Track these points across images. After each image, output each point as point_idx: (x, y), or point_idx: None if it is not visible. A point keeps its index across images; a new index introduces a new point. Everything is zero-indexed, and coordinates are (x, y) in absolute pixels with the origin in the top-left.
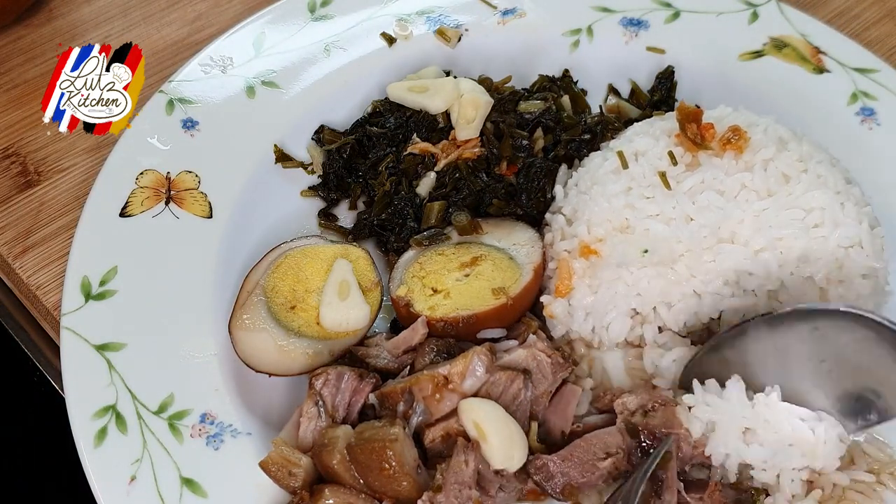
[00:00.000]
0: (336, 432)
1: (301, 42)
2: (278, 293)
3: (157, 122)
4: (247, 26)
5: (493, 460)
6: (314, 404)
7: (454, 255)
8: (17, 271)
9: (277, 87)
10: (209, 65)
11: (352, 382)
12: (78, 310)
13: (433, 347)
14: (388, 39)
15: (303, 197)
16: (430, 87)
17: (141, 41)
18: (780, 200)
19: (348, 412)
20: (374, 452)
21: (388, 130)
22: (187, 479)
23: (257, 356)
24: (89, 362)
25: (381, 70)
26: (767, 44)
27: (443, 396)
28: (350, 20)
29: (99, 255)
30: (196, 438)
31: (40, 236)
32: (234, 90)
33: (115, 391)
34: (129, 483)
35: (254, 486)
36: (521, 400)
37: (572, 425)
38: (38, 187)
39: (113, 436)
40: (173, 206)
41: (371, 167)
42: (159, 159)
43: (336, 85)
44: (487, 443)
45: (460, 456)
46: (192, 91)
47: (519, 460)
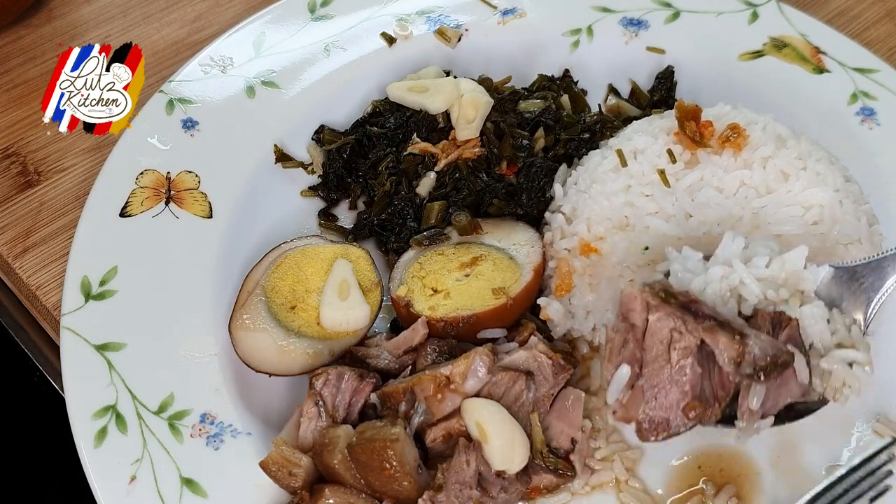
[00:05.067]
0: (337, 432)
1: (301, 42)
2: (278, 293)
3: (157, 122)
4: (247, 26)
5: (494, 461)
6: (314, 404)
7: (454, 255)
8: (17, 271)
9: (277, 87)
10: (209, 65)
11: (352, 382)
12: (78, 310)
13: (434, 348)
14: (388, 39)
15: (303, 197)
16: (430, 87)
17: (141, 41)
18: (779, 198)
19: (348, 412)
20: (374, 452)
21: (388, 130)
22: (187, 479)
23: (257, 356)
24: (89, 362)
25: (381, 70)
26: (767, 44)
27: (444, 396)
28: (350, 20)
29: (99, 255)
30: (196, 438)
31: (40, 236)
32: (234, 90)
33: (115, 391)
34: (129, 483)
35: (254, 485)
36: (522, 401)
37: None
38: (38, 187)
39: (113, 436)
40: (173, 206)
41: (371, 167)
42: (159, 159)
43: (336, 85)
44: (489, 444)
45: (462, 456)
46: (192, 91)
47: (520, 462)
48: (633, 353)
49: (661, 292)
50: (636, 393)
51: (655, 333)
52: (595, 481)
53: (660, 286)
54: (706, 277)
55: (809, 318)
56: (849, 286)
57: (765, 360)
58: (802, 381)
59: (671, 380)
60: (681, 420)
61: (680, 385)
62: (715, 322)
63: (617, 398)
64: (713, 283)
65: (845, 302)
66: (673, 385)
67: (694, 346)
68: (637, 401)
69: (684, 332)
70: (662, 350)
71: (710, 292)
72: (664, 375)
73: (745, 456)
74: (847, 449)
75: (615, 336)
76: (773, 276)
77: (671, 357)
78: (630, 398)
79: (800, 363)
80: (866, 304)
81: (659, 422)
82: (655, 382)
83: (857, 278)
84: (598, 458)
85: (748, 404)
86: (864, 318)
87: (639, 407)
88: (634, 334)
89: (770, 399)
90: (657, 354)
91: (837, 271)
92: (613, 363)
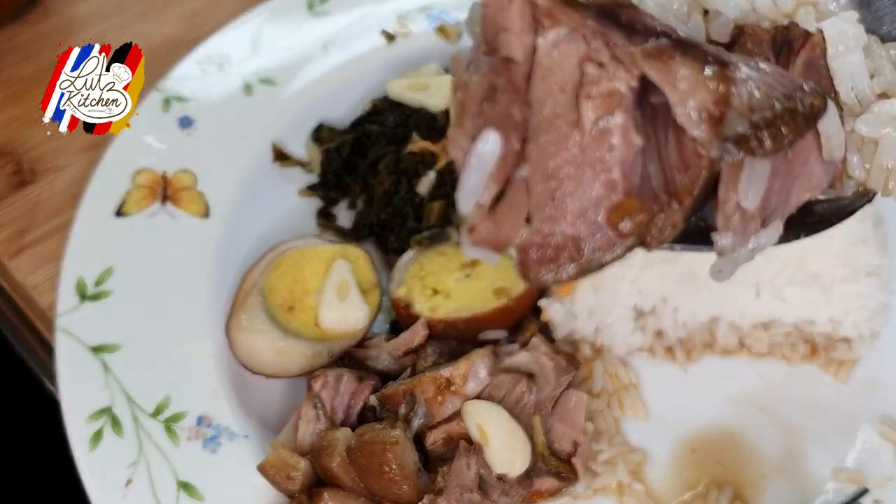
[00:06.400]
0: (336, 435)
1: (299, 39)
2: (276, 294)
3: (152, 121)
4: (244, 23)
5: (495, 464)
6: (313, 406)
7: (455, 255)
8: (12, 272)
9: (275, 85)
10: (206, 62)
11: (351, 384)
12: (73, 311)
13: (435, 349)
14: (388, 37)
15: (301, 196)
16: (430, 84)
17: (137, 38)
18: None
19: (347, 414)
20: (374, 455)
21: (388, 129)
22: (184, 483)
23: (255, 358)
24: (84, 364)
25: (380, 68)
26: None
27: (445, 398)
28: (349, 17)
29: (94, 255)
30: (193, 441)
31: (35, 236)
32: (231, 88)
33: (110, 393)
34: (125, 486)
35: (251, 489)
36: (524, 403)
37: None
38: (33, 186)
39: (108, 438)
40: (170, 205)
41: (370, 166)
42: (155, 158)
43: (335, 83)
44: (490, 446)
45: (462, 459)
46: (189, 89)
47: (521, 466)
48: (507, 112)
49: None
50: (515, 189)
51: (552, 72)
52: (598, 485)
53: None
54: None
55: (837, 41)
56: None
57: (772, 105)
58: (832, 154)
59: (583, 160)
60: (602, 238)
61: (601, 170)
62: (668, 41)
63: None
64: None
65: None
66: (586, 170)
67: (627, 90)
68: (515, 205)
69: (607, 62)
70: (565, 103)
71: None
72: (569, 152)
73: (747, 457)
74: (852, 451)
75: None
76: None
77: (582, 116)
78: (505, 201)
79: (829, 118)
80: None
81: (560, 244)
82: (552, 167)
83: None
84: (601, 461)
85: (737, 199)
86: None
87: (518, 216)
88: (510, 75)
89: (775, 192)
90: (555, 112)
91: None
92: (466, 129)
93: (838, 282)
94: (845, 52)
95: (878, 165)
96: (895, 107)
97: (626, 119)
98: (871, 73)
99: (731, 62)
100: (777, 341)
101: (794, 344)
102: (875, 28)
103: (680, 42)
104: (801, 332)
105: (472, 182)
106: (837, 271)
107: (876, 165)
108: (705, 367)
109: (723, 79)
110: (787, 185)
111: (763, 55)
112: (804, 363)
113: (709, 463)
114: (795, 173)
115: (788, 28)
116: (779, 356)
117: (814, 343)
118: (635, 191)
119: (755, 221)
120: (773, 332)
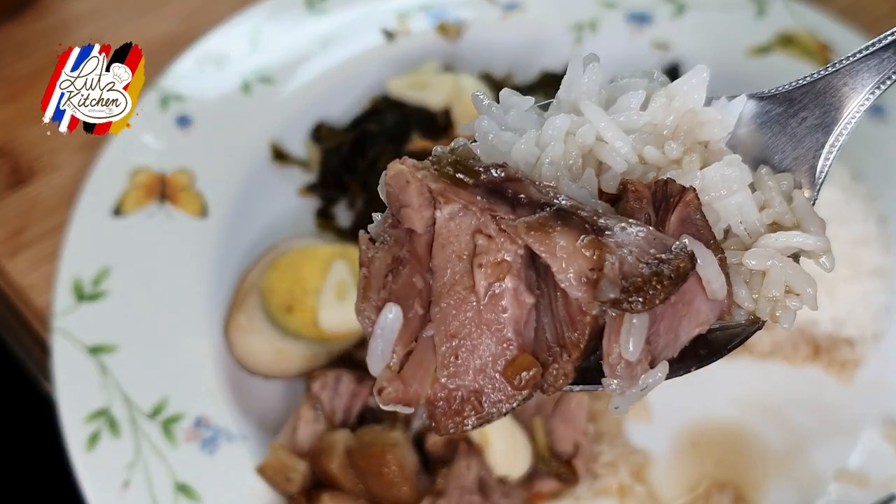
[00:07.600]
0: (335, 436)
1: (298, 37)
2: (275, 294)
3: (150, 119)
4: (243, 21)
5: (495, 466)
6: (312, 408)
7: None
8: (9, 271)
9: (274, 84)
10: (204, 61)
11: (350, 385)
12: (70, 311)
13: None
14: (388, 35)
15: (300, 196)
16: (430, 83)
17: (135, 36)
18: None
19: (347, 416)
20: (373, 457)
21: (388, 128)
22: (182, 485)
23: (253, 358)
24: (82, 364)
25: (380, 66)
26: (774, 39)
27: None
28: (348, 15)
29: (91, 255)
30: (191, 442)
31: (32, 236)
32: (229, 86)
33: (108, 394)
34: (123, 488)
35: (249, 491)
36: (525, 405)
37: None
38: (30, 185)
39: (106, 440)
40: (167, 204)
41: (370, 165)
42: (153, 157)
43: (334, 81)
44: (491, 448)
45: (462, 461)
46: (187, 87)
47: (522, 467)
48: (409, 282)
49: (449, 168)
50: (420, 349)
51: (449, 242)
52: (599, 486)
53: (450, 158)
54: (540, 137)
55: (720, 185)
56: (784, 127)
57: (641, 272)
58: (715, 294)
59: (480, 321)
60: (502, 390)
61: (496, 330)
62: (548, 212)
63: (385, 364)
64: (553, 144)
65: (780, 154)
66: (484, 330)
67: (516, 258)
68: (423, 363)
69: (494, 234)
70: (462, 270)
71: (548, 162)
72: (467, 314)
73: (750, 458)
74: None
75: (377, 255)
76: (655, 122)
77: (476, 282)
78: (410, 361)
79: (707, 265)
80: (814, 152)
81: (465, 397)
82: (454, 328)
83: (797, 112)
84: (603, 463)
85: (619, 350)
86: (813, 177)
87: (426, 373)
88: (412, 246)
89: (662, 333)
90: (454, 279)
91: (762, 104)
92: (371, 302)
93: (841, 282)
94: (728, 194)
95: (764, 296)
96: (779, 240)
97: (516, 282)
98: (761, 206)
99: (608, 227)
100: (779, 342)
101: (796, 345)
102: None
103: (560, 212)
104: (804, 333)
105: (378, 349)
106: (841, 271)
107: (762, 296)
108: (707, 368)
109: (597, 245)
110: (674, 325)
111: (644, 212)
112: (807, 364)
113: (710, 460)
114: (681, 313)
115: (667, 183)
116: (781, 357)
117: (816, 344)
118: (528, 346)
119: (641, 364)
120: (775, 332)
